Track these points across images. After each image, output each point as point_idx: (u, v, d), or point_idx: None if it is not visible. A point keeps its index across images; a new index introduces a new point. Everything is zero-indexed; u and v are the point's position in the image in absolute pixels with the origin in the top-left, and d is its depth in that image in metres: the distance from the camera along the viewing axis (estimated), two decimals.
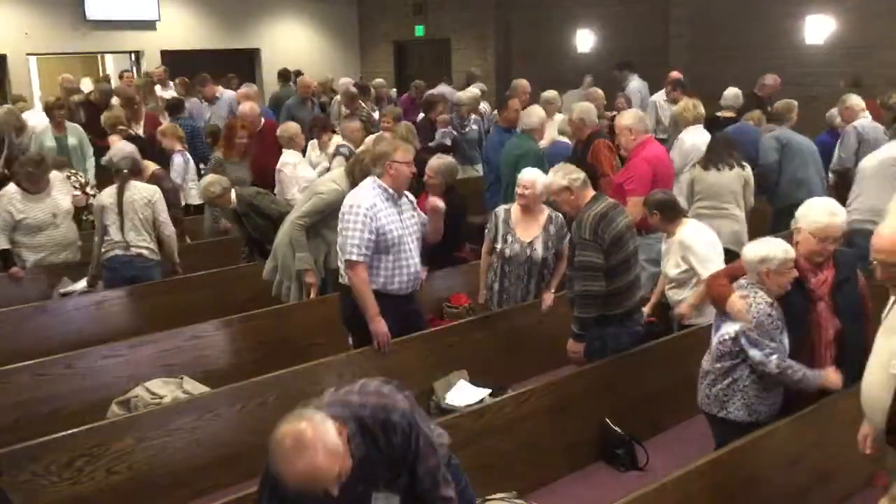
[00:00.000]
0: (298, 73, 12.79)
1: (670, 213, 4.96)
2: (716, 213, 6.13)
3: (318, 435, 2.34)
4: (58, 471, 3.77)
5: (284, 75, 12.73)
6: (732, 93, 8.73)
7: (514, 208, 5.28)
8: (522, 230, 5.20)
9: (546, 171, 6.10)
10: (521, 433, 4.16)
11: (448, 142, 8.67)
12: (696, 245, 4.82)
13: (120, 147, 7.10)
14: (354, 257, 4.48)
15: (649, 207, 4.97)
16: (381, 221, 4.50)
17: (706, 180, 6.21)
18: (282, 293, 5.70)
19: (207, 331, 5.30)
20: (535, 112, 6.95)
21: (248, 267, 6.33)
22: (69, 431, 3.87)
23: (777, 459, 3.69)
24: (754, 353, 3.61)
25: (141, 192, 5.92)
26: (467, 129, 9.03)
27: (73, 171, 7.21)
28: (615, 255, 4.36)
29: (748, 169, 6.33)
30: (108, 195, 5.94)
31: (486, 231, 5.43)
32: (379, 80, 12.18)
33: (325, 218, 5.55)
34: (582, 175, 4.56)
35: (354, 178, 5.49)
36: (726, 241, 5.67)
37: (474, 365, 5.09)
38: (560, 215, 5.20)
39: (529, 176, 5.21)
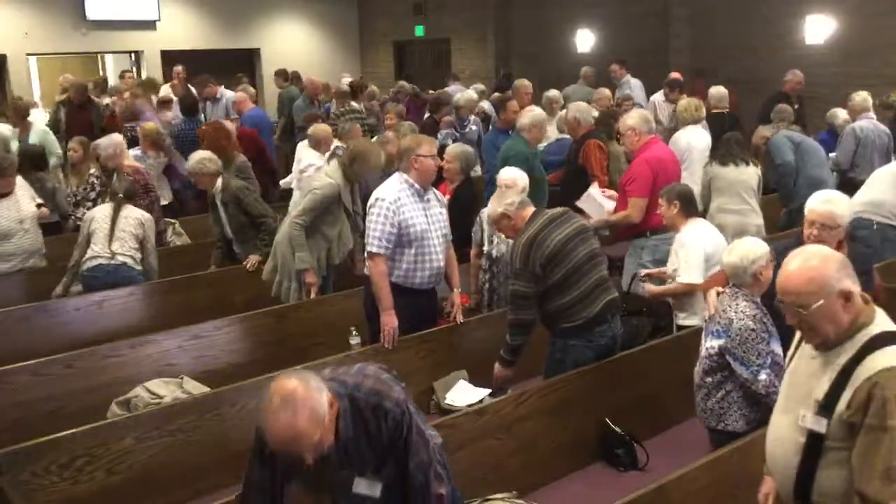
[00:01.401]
0: (296, 75, 12.80)
1: (688, 207, 4.90)
2: (742, 208, 6.23)
3: (306, 397, 2.40)
4: (58, 471, 3.76)
5: (284, 75, 12.69)
6: (721, 92, 8.75)
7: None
8: None
9: (538, 173, 6.09)
10: (521, 433, 4.16)
11: (450, 142, 8.69)
12: (692, 249, 4.79)
13: (112, 138, 7.10)
14: (374, 249, 4.57)
15: (670, 197, 4.86)
16: (404, 215, 4.58)
17: (727, 176, 6.28)
18: (282, 293, 5.70)
19: (207, 331, 5.29)
20: (527, 113, 6.90)
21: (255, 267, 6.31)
22: (69, 431, 3.87)
23: None
24: (742, 371, 3.60)
25: (135, 213, 5.94)
26: (467, 130, 9.04)
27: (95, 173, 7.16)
28: (556, 271, 4.22)
29: (759, 166, 6.44)
30: (101, 210, 5.96)
31: (473, 233, 5.45)
32: (402, 82, 12.25)
33: (322, 214, 5.55)
34: (517, 198, 4.44)
35: (347, 170, 5.57)
36: (752, 235, 5.76)
37: (474, 365, 5.09)
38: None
39: (510, 174, 5.19)
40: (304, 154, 7.76)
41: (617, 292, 4.53)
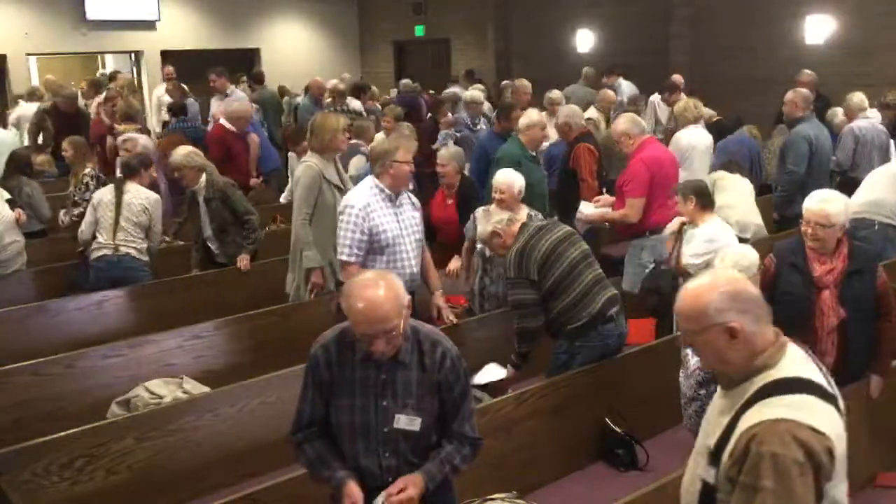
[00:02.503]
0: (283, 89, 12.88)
1: (705, 201, 4.91)
2: (744, 206, 6.28)
3: (394, 283, 2.62)
4: (58, 471, 3.77)
5: (257, 78, 12.66)
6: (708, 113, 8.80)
7: (493, 208, 5.25)
8: None
9: (532, 176, 6.01)
10: (521, 433, 4.16)
11: (450, 143, 8.66)
12: (726, 241, 4.78)
13: (141, 142, 7.07)
14: (345, 257, 4.52)
15: (685, 193, 4.88)
16: (374, 221, 4.50)
17: (732, 178, 6.38)
18: (300, 297, 5.54)
19: (207, 331, 5.29)
20: (525, 114, 6.72)
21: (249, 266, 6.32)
22: (69, 431, 3.87)
23: None
24: None
25: (139, 197, 5.92)
26: (478, 129, 9.00)
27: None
28: (550, 274, 4.25)
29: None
30: (108, 192, 5.95)
31: (466, 230, 5.47)
32: (407, 80, 12.19)
33: (318, 199, 5.38)
34: (505, 216, 4.53)
35: (315, 147, 5.46)
36: (754, 234, 5.99)
37: (474, 365, 5.07)
38: (538, 213, 5.18)
39: (505, 178, 5.15)
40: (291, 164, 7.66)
41: (615, 290, 4.53)
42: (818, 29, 11.33)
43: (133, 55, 15.69)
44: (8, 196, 6.28)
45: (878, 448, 4.16)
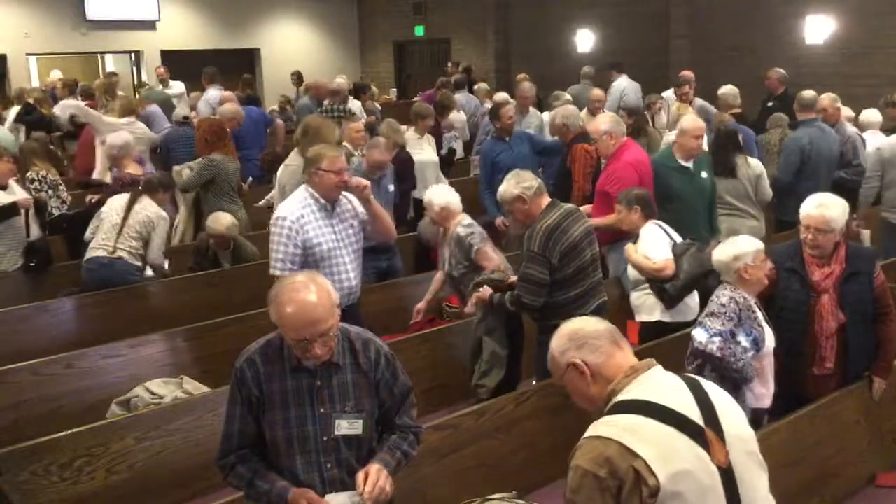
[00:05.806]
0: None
1: (648, 210, 4.80)
2: (731, 212, 6.14)
3: (324, 283, 2.56)
4: (58, 471, 3.77)
5: (211, 78, 12.56)
6: (733, 92, 8.69)
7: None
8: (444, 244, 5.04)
9: (686, 191, 5.61)
10: (521, 433, 4.16)
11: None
12: (656, 238, 4.71)
13: (121, 136, 7.02)
14: (278, 272, 4.13)
15: (629, 202, 4.75)
16: (308, 234, 4.20)
17: (719, 186, 6.09)
18: None
19: (207, 331, 5.29)
20: (682, 119, 6.20)
21: (248, 267, 6.33)
22: (69, 431, 3.87)
23: (777, 459, 3.68)
24: (698, 335, 3.63)
25: (145, 212, 5.83)
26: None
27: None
28: (568, 265, 4.22)
29: (757, 165, 6.28)
30: (121, 199, 5.91)
31: (419, 228, 5.44)
32: (457, 76, 12.01)
33: None
34: (535, 183, 4.30)
35: (301, 148, 5.40)
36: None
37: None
38: (462, 231, 4.84)
39: (426, 198, 5.02)
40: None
41: (606, 296, 4.51)
42: (818, 29, 11.34)
43: (133, 55, 15.70)
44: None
45: (878, 448, 4.16)
